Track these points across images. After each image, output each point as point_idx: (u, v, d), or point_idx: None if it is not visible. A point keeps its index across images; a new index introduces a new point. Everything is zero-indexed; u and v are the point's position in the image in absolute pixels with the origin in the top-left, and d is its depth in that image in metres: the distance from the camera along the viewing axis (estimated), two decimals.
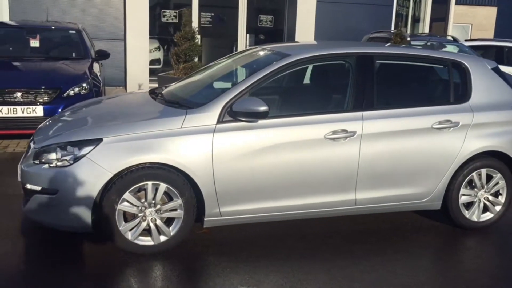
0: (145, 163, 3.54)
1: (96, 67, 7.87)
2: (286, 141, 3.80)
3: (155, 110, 3.99)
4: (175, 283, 3.38)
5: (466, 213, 4.42)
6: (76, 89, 6.75)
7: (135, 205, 3.59)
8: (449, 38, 11.18)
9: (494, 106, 4.40)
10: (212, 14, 12.85)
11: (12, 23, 9.26)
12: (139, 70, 11.33)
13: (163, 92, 4.50)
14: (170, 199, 3.67)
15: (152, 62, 12.12)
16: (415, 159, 4.13)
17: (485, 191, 4.43)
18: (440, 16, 19.43)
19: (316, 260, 3.78)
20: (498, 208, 4.50)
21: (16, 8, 11.19)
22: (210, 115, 3.70)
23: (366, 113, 4.02)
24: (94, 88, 7.01)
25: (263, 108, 3.61)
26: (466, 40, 14.82)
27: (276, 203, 3.89)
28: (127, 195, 3.53)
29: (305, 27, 12.65)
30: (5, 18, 11.18)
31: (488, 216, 4.50)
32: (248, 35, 13.00)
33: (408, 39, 10.04)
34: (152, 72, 11.50)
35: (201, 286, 3.36)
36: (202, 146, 3.63)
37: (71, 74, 7.03)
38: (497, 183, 4.44)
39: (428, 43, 7.97)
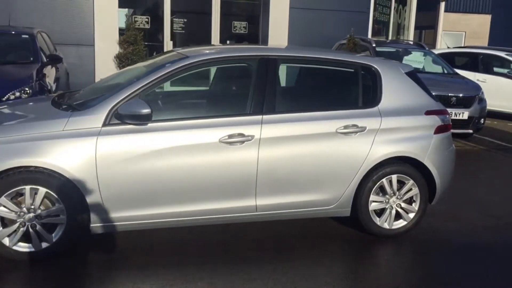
0: (21, 167, 3.45)
1: (48, 70, 7.81)
2: (177, 144, 3.70)
3: (42, 113, 3.91)
4: None
5: (378, 220, 4.30)
6: (17, 93, 6.68)
7: (13, 210, 3.49)
8: (412, 44, 11.08)
9: (406, 111, 4.28)
10: (185, 20, 12.81)
11: None
12: (108, 75, 11.28)
13: (71, 96, 4.42)
14: (54, 204, 3.57)
15: (122, 67, 12.07)
16: (319, 164, 4.01)
17: (397, 198, 4.30)
18: (430, 24, 19.35)
19: (204, 268, 3.67)
20: (411, 215, 4.37)
21: None
22: (95, 118, 3.61)
23: (266, 117, 3.91)
24: (40, 92, 6.95)
25: (145, 110, 3.52)
26: (449, 48, 14.72)
27: (171, 208, 3.78)
28: (3, 200, 3.44)
29: (278, 34, 12.59)
30: None
31: (401, 223, 4.37)
32: (225, 41, 12.97)
33: (374, 45, 9.93)
34: None
35: None
36: (84, 149, 3.53)
37: (12, 78, 6.96)
38: (410, 189, 4.32)
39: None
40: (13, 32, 8.57)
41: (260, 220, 4.10)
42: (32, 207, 3.52)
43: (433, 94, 8.13)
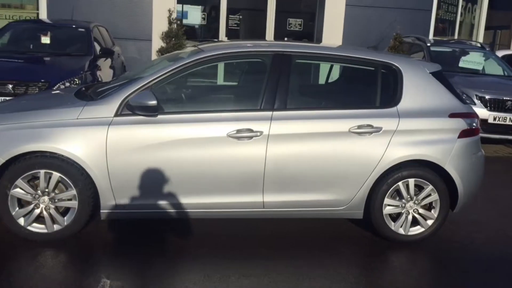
0: (37, 152, 3.65)
1: (102, 63, 8.20)
2: (185, 137, 3.76)
3: (63, 102, 4.10)
4: (57, 270, 3.46)
5: (392, 225, 4.15)
6: (67, 83, 7.06)
7: (28, 192, 3.71)
8: (477, 45, 10.52)
9: (427, 113, 4.10)
10: (240, 16, 12.94)
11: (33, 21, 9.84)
12: None
13: (97, 87, 4.60)
14: (67, 188, 3.75)
15: None
16: (330, 164, 3.93)
17: (414, 203, 4.14)
18: (505, 23, 18.33)
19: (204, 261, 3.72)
20: (430, 222, 4.19)
21: (53, 7, 11.86)
22: (108, 108, 3.75)
23: (276, 113, 3.89)
24: (91, 83, 7.30)
25: (152, 102, 3.61)
26: None
27: (177, 200, 3.86)
28: (19, 182, 3.66)
29: (332, 32, 12.41)
30: (44, 16, 11.92)
31: (418, 230, 4.20)
32: (280, 38, 12.97)
33: (428, 44, 9.56)
34: None
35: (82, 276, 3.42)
36: (96, 137, 3.68)
37: (64, 68, 7.35)
38: (429, 195, 4.14)
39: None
40: (72, 26, 9.06)
41: (267, 217, 4.09)
42: (46, 190, 3.72)
43: (488, 97, 7.84)
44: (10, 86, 6.84)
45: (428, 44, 9.57)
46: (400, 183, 4.07)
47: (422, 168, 4.09)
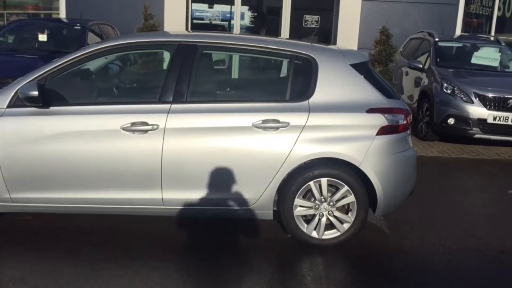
0: None
1: None
2: (78, 129, 3.67)
3: None
4: None
5: (305, 228, 3.86)
6: None
7: None
8: (492, 39, 9.78)
9: (343, 107, 3.77)
10: (255, 14, 12.78)
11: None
12: None
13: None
14: None
15: None
16: (231, 160, 3.71)
17: (329, 205, 3.83)
18: None
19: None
20: (346, 226, 3.86)
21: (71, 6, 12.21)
22: (1, 99, 3.72)
23: (175, 106, 3.71)
24: None
25: (33, 93, 3.54)
26: None
27: (73, 194, 3.77)
28: None
29: (348, 28, 11.95)
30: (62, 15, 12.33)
31: (333, 234, 3.89)
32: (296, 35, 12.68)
33: (436, 39, 8.99)
34: None
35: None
36: None
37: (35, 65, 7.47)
38: (344, 196, 3.81)
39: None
40: (68, 24, 9.28)
41: (168, 214, 3.92)
42: None
43: (487, 95, 7.22)
44: None
45: (436, 39, 8.99)
46: (311, 183, 3.78)
47: (337, 167, 3.77)
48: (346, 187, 3.78)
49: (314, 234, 3.87)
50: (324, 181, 3.78)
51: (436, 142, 7.94)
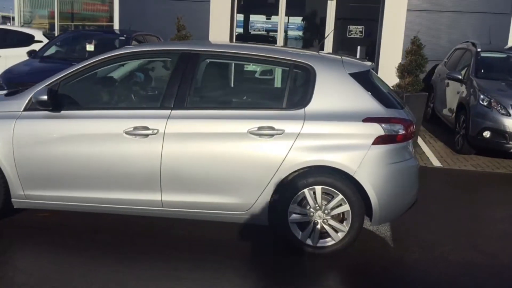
0: None
1: None
2: (84, 133, 3.91)
3: None
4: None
5: (300, 235, 3.89)
6: None
7: None
8: None
9: (339, 116, 3.79)
10: (299, 24, 12.86)
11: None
12: None
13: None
14: None
15: None
16: (227, 166, 3.81)
17: (323, 213, 3.84)
18: None
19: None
20: (341, 235, 3.85)
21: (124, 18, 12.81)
22: (19, 103, 4.03)
23: (175, 112, 3.87)
24: None
25: (43, 97, 3.80)
26: None
27: (81, 193, 4.00)
28: None
29: (392, 39, 11.75)
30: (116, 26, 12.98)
31: (328, 242, 3.89)
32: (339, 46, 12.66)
33: (479, 50, 8.71)
34: None
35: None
36: (5, 129, 3.97)
37: None
38: (339, 205, 3.81)
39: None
40: (114, 34, 9.78)
41: (167, 216, 4.06)
42: None
43: None
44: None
45: (478, 50, 8.71)
46: (306, 190, 3.81)
47: (331, 175, 3.78)
48: (340, 196, 3.78)
49: (309, 241, 3.88)
50: (318, 189, 3.80)
51: (473, 156, 7.67)
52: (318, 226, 3.86)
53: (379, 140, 3.74)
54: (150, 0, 12.56)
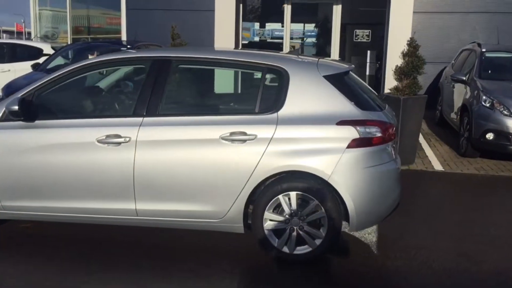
0: None
1: None
2: (58, 142, 3.89)
3: None
4: None
5: (276, 242, 3.79)
6: None
7: None
8: None
9: (312, 120, 3.69)
10: (305, 30, 12.79)
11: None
12: None
13: None
14: None
15: None
16: (200, 173, 3.74)
17: (300, 219, 3.73)
18: None
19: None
20: (318, 242, 3.74)
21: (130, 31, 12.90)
22: None
23: (147, 119, 3.83)
24: None
25: (14, 107, 3.80)
26: None
27: (56, 203, 3.97)
28: None
29: (399, 42, 11.45)
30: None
31: (305, 249, 3.78)
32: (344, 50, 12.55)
33: (483, 50, 8.50)
34: None
35: None
36: None
37: None
38: (315, 211, 3.70)
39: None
40: (118, 45, 9.85)
41: (142, 225, 4.00)
42: None
43: None
44: None
45: (483, 50, 8.50)
46: (280, 196, 3.72)
47: (306, 180, 3.68)
48: (316, 202, 3.68)
49: (285, 249, 3.78)
50: (293, 194, 3.70)
51: (478, 159, 7.43)
52: (294, 233, 3.76)
53: (354, 144, 3.63)
54: (156, 11, 12.64)
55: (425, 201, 5.52)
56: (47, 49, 12.32)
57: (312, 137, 3.66)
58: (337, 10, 12.17)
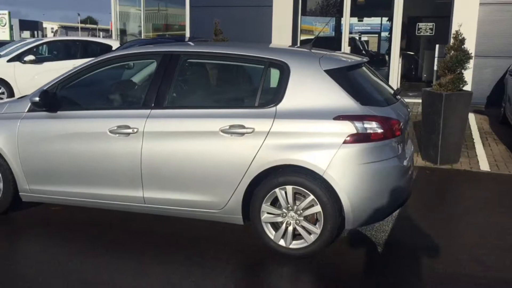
0: None
1: None
2: (76, 131, 4.17)
3: (7, 100, 4.87)
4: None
5: (273, 235, 3.82)
6: None
7: None
8: None
9: (310, 114, 3.66)
10: (365, 24, 12.49)
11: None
12: None
13: None
14: None
15: None
16: (200, 164, 3.86)
17: (296, 213, 3.74)
18: None
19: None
20: (314, 237, 3.72)
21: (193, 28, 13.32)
22: (24, 104, 4.40)
23: (154, 111, 4.00)
24: None
25: (35, 99, 4.12)
26: None
27: (73, 189, 4.27)
28: None
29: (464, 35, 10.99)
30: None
31: (301, 244, 3.77)
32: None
33: None
34: None
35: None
36: (11, 130, 4.36)
37: None
38: (311, 206, 3.69)
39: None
40: (171, 41, 10.21)
41: (149, 212, 4.18)
42: None
43: None
44: None
45: None
46: (277, 190, 3.74)
47: (302, 175, 3.67)
48: (312, 196, 3.66)
49: (282, 242, 3.80)
50: (289, 188, 3.71)
51: None
52: (291, 227, 3.77)
53: (351, 139, 3.57)
54: (217, 8, 12.93)
55: (452, 202, 5.27)
56: (116, 46, 13.01)
57: (309, 132, 3.64)
58: (398, 4, 11.77)
